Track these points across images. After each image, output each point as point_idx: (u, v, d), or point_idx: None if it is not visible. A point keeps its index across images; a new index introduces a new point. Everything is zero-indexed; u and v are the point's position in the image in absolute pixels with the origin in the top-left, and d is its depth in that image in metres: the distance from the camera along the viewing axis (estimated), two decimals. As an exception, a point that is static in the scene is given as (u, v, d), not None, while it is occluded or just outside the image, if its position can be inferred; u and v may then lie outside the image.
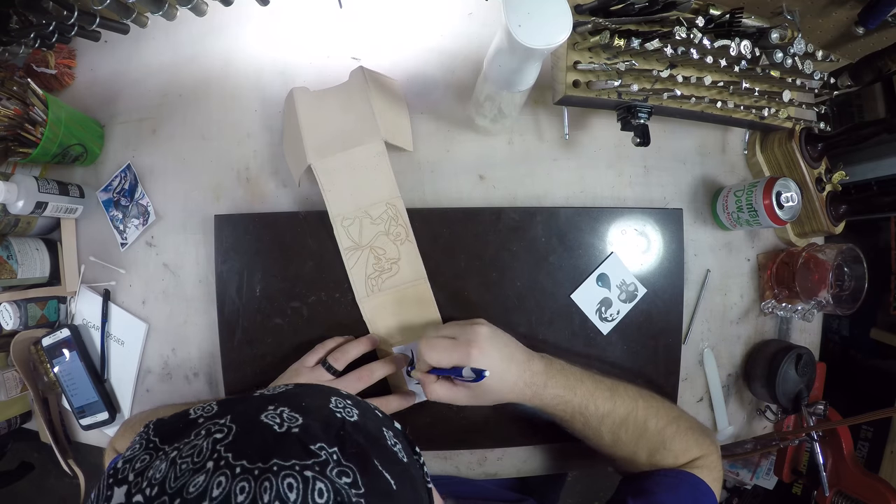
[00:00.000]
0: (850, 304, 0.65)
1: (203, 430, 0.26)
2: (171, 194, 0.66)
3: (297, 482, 0.23)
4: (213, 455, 0.24)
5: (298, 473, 0.24)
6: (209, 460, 0.24)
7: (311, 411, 0.28)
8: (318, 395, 0.31)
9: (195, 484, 0.23)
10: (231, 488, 0.23)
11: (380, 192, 0.58)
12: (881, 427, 0.90)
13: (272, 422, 0.27)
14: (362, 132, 0.56)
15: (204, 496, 0.23)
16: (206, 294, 0.64)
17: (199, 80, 0.66)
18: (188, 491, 0.23)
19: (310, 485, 0.24)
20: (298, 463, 0.24)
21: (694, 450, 0.53)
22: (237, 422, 0.27)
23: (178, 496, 0.23)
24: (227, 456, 0.24)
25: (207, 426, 0.27)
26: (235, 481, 0.23)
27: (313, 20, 0.65)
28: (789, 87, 0.61)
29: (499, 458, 0.65)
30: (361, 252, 0.58)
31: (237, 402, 0.30)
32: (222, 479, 0.23)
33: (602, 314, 0.62)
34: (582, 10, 0.53)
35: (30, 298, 0.65)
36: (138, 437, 0.28)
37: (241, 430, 0.26)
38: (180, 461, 0.24)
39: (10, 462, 0.90)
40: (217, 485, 0.23)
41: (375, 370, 0.56)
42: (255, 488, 0.23)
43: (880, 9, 0.57)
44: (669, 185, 0.68)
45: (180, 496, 0.23)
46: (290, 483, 0.23)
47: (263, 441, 0.25)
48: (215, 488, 0.23)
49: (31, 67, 0.66)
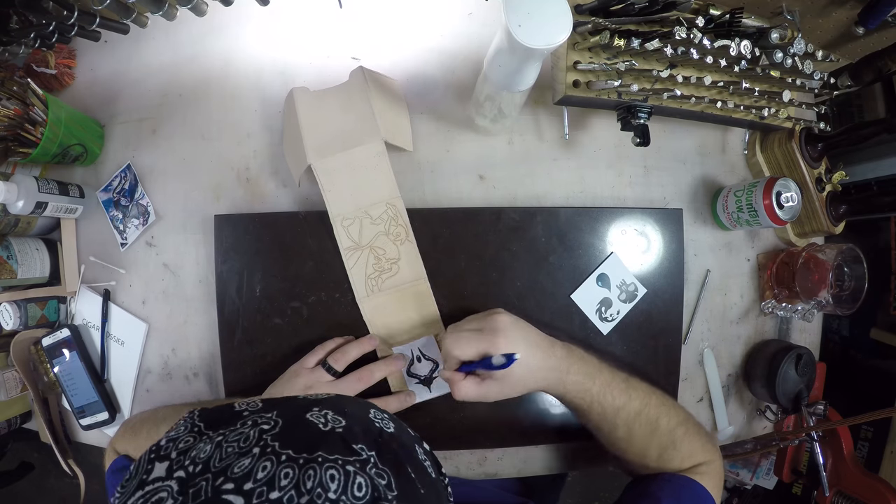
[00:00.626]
0: (850, 304, 0.65)
1: (250, 420, 0.28)
2: (171, 194, 0.66)
3: (339, 474, 0.25)
4: (259, 442, 0.26)
5: (341, 467, 0.25)
6: (256, 446, 0.25)
7: (353, 416, 0.30)
8: (359, 405, 0.32)
9: (240, 465, 0.24)
10: (276, 472, 0.24)
11: (380, 192, 0.58)
12: (881, 427, 0.90)
13: (317, 420, 0.28)
14: (362, 132, 0.56)
15: (249, 477, 0.24)
16: (206, 294, 0.64)
17: (199, 80, 0.66)
18: (233, 471, 0.24)
19: (350, 478, 0.25)
20: (341, 458, 0.26)
21: (699, 454, 0.53)
22: (283, 417, 0.28)
23: (223, 475, 0.24)
24: (273, 444, 0.26)
25: (254, 418, 0.28)
26: (280, 467, 0.24)
27: (313, 20, 0.65)
28: (789, 87, 0.61)
29: (499, 458, 0.65)
30: (361, 252, 0.58)
31: (282, 401, 0.31)
32: (268, 464, 0.24)
33: (602, 314, 0.62)
34: (582, 10, 0.53)
35: (30, 298, 0.65)
36: (183, 421, 0.30)
37: (288, 423, 0.28)
38: (226, 445, 0.26)
39: (10, 462, 0.90)
40: (262, 468, 0.24)
41: (375, 371, 0.57)
42: (298, 475, 0.24)
43: (880, 9, 0.57)
44: (669, 185, 0.68)
45: (224, 475, 0.24)
46: (332, 474, 0.25)
47: (309, 435, 0.27)
48: (260, 471, 0.24)
49: (31, 67, 0.66)
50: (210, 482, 0.24)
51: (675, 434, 0.52)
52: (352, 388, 0.55)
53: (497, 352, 0.47)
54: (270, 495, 0.23)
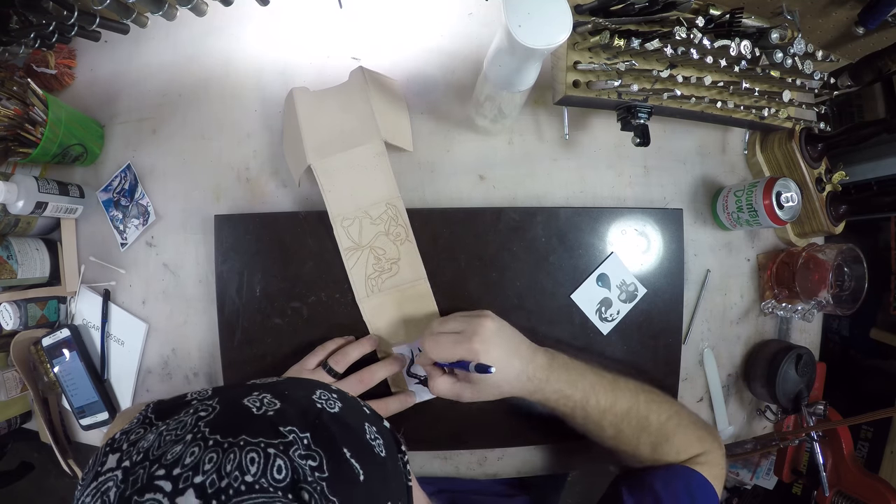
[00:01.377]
0: (850, 304, 0.65)
1: (192, 408, 0.29)
2: (171, 194, 0.66)
3: (259, 457, 0.26)
4: (193, 429, 0.27)
5: (262, 450, 0.26)
6: (189, 433, 0.27)
7: (291, 399, 0.31)
8: (303, 387, 0.33)
9: (173, 452, 0.26)
10: (201, 457, 0.25)
11: (380, 192, 0.58)
12: (881, 427, 0.90)
13: (252, 405, 0.29)
14: (362, 132, 0.56)
15: (178, 463, 0.25)
16: (206, 294, 0.64)
17: (199, 80, 0.66)
18: (166, 458, 0.26)
19: (270, 460, 0.26)
20: (265, 441, 0.27)
21: (696, 446, 0.53)
22: (222, 403, 0.29)
23: (158, 461, 0.25)
24: (204, 430, 0.27)
25: (196, 405, 0.29)
26: (206, 452, 0.26)
27: (313, 20, 0.65)
28: (789, 87, 0.61)
29: (499, 458, 0.65)
30: (361, 252, 0.58)
31: (229, 388, 0.32)
32: (195, 449, 0.26)
33: (602, 314, 0.62)
34: (582, 10, 0.53)
35: (30, 298, 0.65)
36: (139, 414, 0.31)
37: (223, 409, 0.29)
38: (166, 434, 0.27)
39: (10, 462, 0.90)
40: (191, 454, 0.25)
41: (376, 371, 0.57)
42: (220, 458, 0.25)
43: (880, 9, 0.57)
44: (669, 185, 0.68)
45: (159, 461, 0.25)
46: (252, 457, 0.26)
47: (239, 420, 0.28)
48: (188, 456, 0.25)
49: (31, 67, 0.66)
50: (146, 469, 0.25)
51: (667, 428, 0.52)
52: (353, 389, 0.55)
53: (473, 359, 0.48)
54: (195, 479, 0.24)
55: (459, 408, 0.60)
